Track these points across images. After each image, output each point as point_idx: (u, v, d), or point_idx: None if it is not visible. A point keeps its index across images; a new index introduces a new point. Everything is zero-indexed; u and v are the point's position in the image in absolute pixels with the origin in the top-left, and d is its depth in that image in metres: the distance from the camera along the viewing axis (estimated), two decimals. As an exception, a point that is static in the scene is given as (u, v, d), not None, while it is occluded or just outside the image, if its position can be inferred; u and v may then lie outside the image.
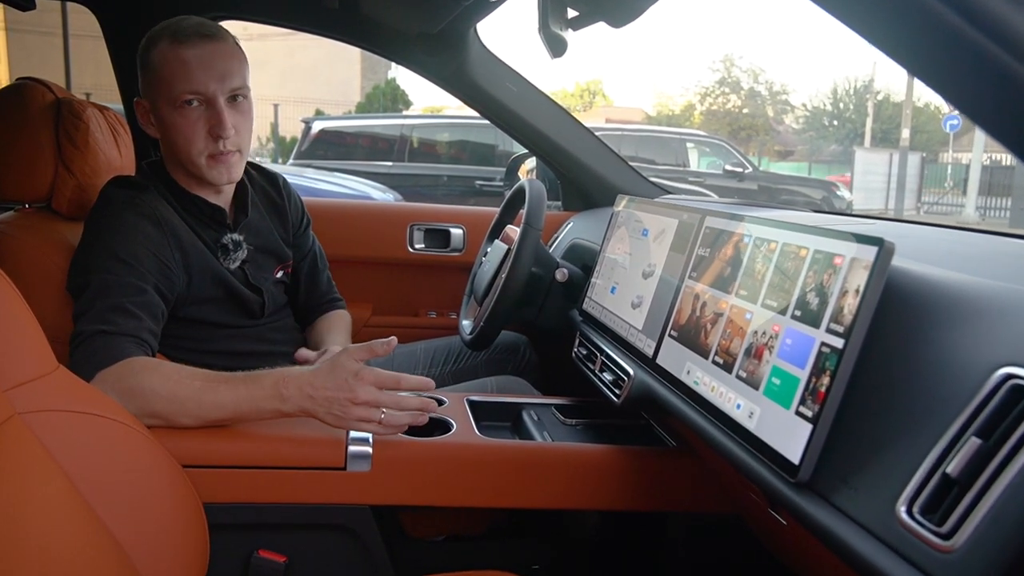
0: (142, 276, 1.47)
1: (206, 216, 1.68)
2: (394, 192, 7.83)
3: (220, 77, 1.56)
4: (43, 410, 0.97)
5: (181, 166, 1.64)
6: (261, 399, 1.31)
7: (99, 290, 1.42)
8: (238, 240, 1.71)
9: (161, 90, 1.56)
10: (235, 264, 1.70)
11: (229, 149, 1.59)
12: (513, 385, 1.86)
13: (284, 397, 1.31)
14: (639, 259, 1.52)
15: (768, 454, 0.93)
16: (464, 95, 2.36)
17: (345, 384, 1.30)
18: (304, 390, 1.31)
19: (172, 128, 1.58)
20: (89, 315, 1.40)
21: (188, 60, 1.54)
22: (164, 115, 1.58)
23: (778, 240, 1.05)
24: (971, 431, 0.72)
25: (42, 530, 0.86)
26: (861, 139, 29.83)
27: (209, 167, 1.60)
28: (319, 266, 2.00)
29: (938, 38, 0.59)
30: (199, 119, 1.56)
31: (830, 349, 0.88)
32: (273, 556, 1.34)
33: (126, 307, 1.41)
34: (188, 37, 1.55)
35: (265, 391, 1.32)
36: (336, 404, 1.29)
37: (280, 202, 1.90)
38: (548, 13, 1.23)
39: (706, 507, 1.47)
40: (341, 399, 1.29)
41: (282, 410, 1.31)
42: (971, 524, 0.68)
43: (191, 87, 1.54)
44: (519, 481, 1.41)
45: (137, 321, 1.41)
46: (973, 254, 1.26)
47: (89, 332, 1.37)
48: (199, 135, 1.57)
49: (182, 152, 1.59)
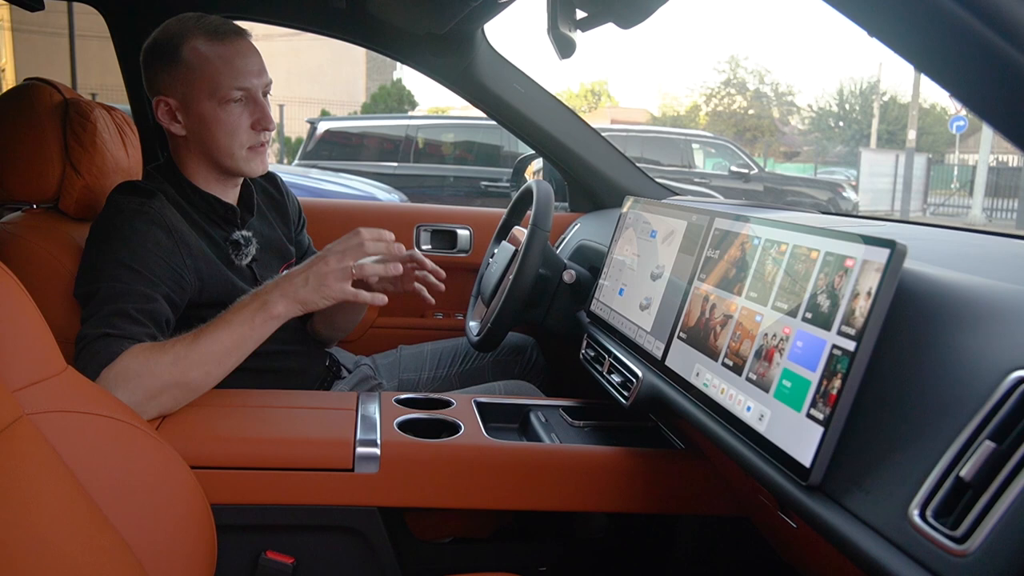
0: (152, 284, 1.48)
1: (217, 215, 1.70)
2: (399, 193, 7.83)
3: (259, 73, 1.63)
4: (52, 411, 0.97)
5: (211, 162, 1.66)
6: (251, 315, 1.43)
7: (107, 297, 1.43)
8: (248, 236, 1.73)
9: (200, 86, 1.59)
10: (246, 260, 1.72)
11: (267, 140, 1.67)
12: (520, 389, 1.86)
13: (267, 300, 1.44)
14: (647, 260, 1.52)
15: (779, 457, 0.93)
16: (471, 96, 2.36)
17: (315, 259, 1.48)
18: (279, 284, 1.46)
19: (214, 123, 1.61)
20: (94, 319, 1.41)
21: (231, 57, 1.59)
22: (204, 111, 1.60)
23: (788, 242, 1.05)
24: (984, 434, 0.72)
25: (51, 530, 0.86)
26: (867, 140, 29.79)
27: (248, 159, 1.66)
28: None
29: (945, 34, 0.59)
30: (243, 114, 1.62)
31: (842, 351, 0.87)
32: (281, 557, 1.34)
33: (131, 313, 1.42)
34: (225, 35, 1.60)
35: (251, 306, 1.44)
36: (312, 275, 1.45)
37: (280, 199, 1.93)
38: (557, 14, 1.23)
39: (715, 509, 1.47)
40: (315, 267, 1.46)
41: (272, 312, 1.43)
42: (985, 528, 0.68)
43: (238, 83, 1.59)
44: (527, 483, 1.40)
45: (141, 327, 1.42)
46: (982, 255, 1.26)
47: (92, 336, 1.38)
48: (243, 128, 1.63)
49: (222, 147, 1.63)
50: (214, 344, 1.40)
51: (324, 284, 1.44)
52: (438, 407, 1.55)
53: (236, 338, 1.42)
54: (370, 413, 1.47)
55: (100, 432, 1.05)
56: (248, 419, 1.43)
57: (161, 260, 1.51)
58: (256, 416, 1.44)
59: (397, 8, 2.14)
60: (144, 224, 1.53)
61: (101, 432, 1.05)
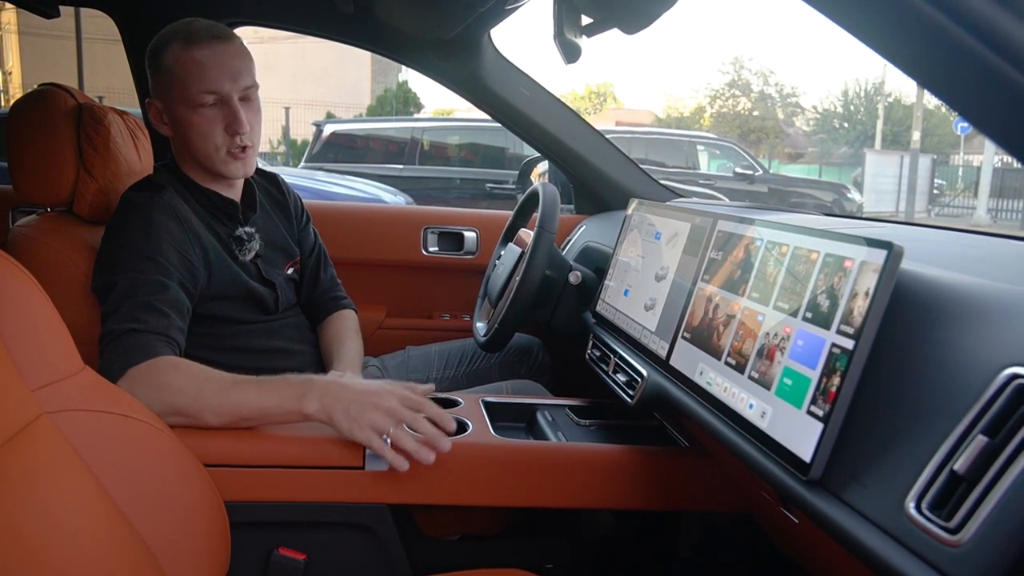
0: (168, 273, 1.51)
1: (220, 210, 1.72)
2: (405, 195, 7.84)
3: (233, 76, 1.62)
4: (70, 409, 0.99)
5: (197, 163, 1.68)
6: (286, 398, 1.34)
7: (127, 289, 1.46)
8: (251, 232, 1.76)
9: (176, 90, 1.61)
10: (250, 256, 1.74)
11: (245, 144, 1.65)
12: (527, 389, 1.87)
13: (307, 397, 1.33)
14: (652, 262, 1.54)
15: (780, 453, 0.95)
16: (478, 99, 2.37)
17: (371, 390, 1.34)
18: (330, 389, 1.33)
19: (189, 127, 1.63)
20: (118, 314, 1.43)
21: (202, 61, 1.59)
22: (180, 114, 1.63)
23: (789, 244, 1.07)
24: (978, 429, 0.74)
25: (70, 526, 0.88)
26: (872, 141, 29.69)
27: (226, 162, 1.66)
28: (324, 263, 2.05)
29: (944, 51, 0.61)
30: (215, 117, 1.62)
31: (841, 350, 0.89)
32: (292, 554, 1.36)
33: (155, 305, 1.45)
34: (201, 39, 1.60)
35: (291, 390, 1.34)
36: (355, 405, 1.31)
37: (282, 199, 1.96)
38: (563, 20, 1.25)
39: (719, 506, 1.48)
40: (363, 401, 1.32)
41: (304, 411, 1.33)
42: (978, 519, 0.70)
43: (207, 87, 1.60)
44: (534, 481, 1.42)
45: (166, 319, 1.45)
46: (982, 257, 1.27)
47: (119, 331, 1.40)
48: (216, 132, 1.63)
49: (199, 150, 1.65)
50: (239, 405, 1.34)
51: (358, 423, 1.31)
52: (446, 406, 1.56)
53: (262, 409, 1.35)
54: None
55: (117, 430, 1.07)
56: None
57: (174, 249, 1.54)
58: None
59: (404, 14, 2.16)
60: (158, 214, 1.56)
61: (118, 430, 1.07)
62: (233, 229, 1.74)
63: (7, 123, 1.64)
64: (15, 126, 1.65)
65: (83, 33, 17.03)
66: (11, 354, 0.92)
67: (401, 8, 2.12)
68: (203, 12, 1.75)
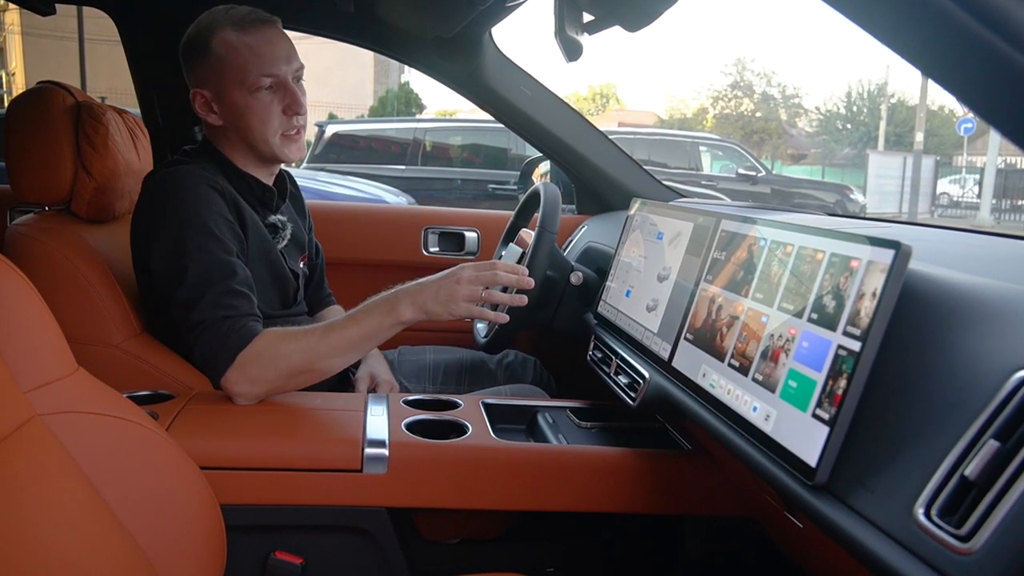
0: (229, 249, 1.54)
1: (256, 196, 1.73)
2: (407, 195, 7.83)
3: (287, 59, 1.65)
4: (63, 411, 0.97)
5: (248, 147, 1.68)
6: (381, 316, 1.49)
7: (202, 274, 1.49)
8: (284, 221, 1.78)
9: (231, 76, 1.62)
10: (283, 243, 1.77)
11: (301, 125, 1.69)
12: (528, 392, 1.86)
13: (398, 307, 1.49)
14: (654, 262, 1.52)
15: (785, 457, 0.93)
16: (479, 99, 2.36)
17: (445, 274, 1.51)
18: (412, 291, 1.50)
19: (248, 111, 1.63)
20: (203, 304, 1.47)
21: (257, 45, 1.61)
22: (235, 100, 1.63)
23: (794, 243, 1.05)
24: (989, 434, 0.72)
25: (63, 530, 0.86)
26: (875, 142, 29.70)
27: (283, 145, 1.68)
28: (323, 263, 2.09)
29: (952, 39, 0.59)
30: (272, 100, 1.64)
31: (847, 352, 0.88)
32: (290, 558, 1.35)
33: (234, 288, 1.50)
34: (251, 23, 1.62)
35: (381, 308, 1.50)
36: (443, 290, 1.48)
37: (297, 194, 1.97)
38: (564, 17, 1.23)
39: (722, 510, 1.47)
40: (446, 284, 1.49)
41: (401, 319, 1.49)
42: (990, 526, 0.68)
43: (265, 70, 1.62)
44: (534, 484, 1.41)
45: (248, 300, 1.51)
46: (988, 257, 1.25)
47: (212, 319, 1.46)
48: (274, 115, 1.65)
49: (257, 134, 1.65)
50: (342, 340, 1.48)
51: (453, 301, 1.48)
52: (446, 408, 1.55)
53: (364, 335, 1.49)
54: (378, 414, 1.47)
55: (111, 433, 1.05)
56: (257, 420, 1.44)
57: (224, 220, 1.57)
58: (265, 417, 1.45)
59: (405, 12, 2.15)
60: (204, 187, 1.57)
61: (112, 433, 1.06)
62: (266, 216, 1.75)
63: (4, 121, 1.63)
64: (13, 124, 1.64)
65: (86, 34, 17.08)
66: (3, 355, 0.90)
67: (401, 6, 2.11)
68: (205, 10, 1.74)
